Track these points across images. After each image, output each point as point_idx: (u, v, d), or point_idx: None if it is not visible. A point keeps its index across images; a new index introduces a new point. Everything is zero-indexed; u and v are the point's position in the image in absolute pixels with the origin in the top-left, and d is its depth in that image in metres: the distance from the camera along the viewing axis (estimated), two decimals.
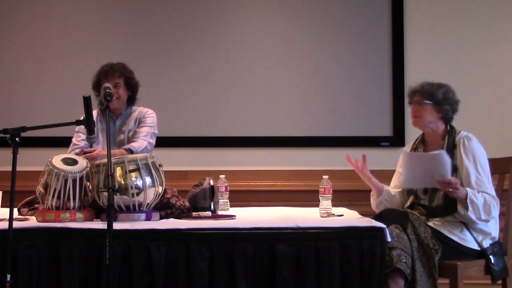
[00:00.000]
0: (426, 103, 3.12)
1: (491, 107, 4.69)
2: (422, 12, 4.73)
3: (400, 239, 2.81)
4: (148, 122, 3.55)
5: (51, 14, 4.78)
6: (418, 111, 3.14)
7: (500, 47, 4.72)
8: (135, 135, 3.50)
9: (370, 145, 4.64)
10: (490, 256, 3.02)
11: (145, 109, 3.62)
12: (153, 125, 3.57)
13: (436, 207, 3.07)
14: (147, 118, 3.57)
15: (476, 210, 2.93)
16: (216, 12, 4.77)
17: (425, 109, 3.13)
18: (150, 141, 3.52)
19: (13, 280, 2.42)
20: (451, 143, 3.10)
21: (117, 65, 3.53)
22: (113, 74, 3.49)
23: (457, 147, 3.09)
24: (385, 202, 3.23)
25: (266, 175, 4.68)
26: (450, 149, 3.08)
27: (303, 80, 4.74)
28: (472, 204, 2.93)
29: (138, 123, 3.55)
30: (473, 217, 2.94)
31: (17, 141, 2.48)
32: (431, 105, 3.12)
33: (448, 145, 3.10)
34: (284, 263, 2.60)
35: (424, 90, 3.14)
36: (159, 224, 2.74)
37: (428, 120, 3.14)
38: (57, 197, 2.77)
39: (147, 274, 2.58)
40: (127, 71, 3.54)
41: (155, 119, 3.60)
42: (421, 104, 3.13)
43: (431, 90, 3.13)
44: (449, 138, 3.12)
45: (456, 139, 3.11)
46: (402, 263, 2.75)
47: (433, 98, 3.12)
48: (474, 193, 2.95)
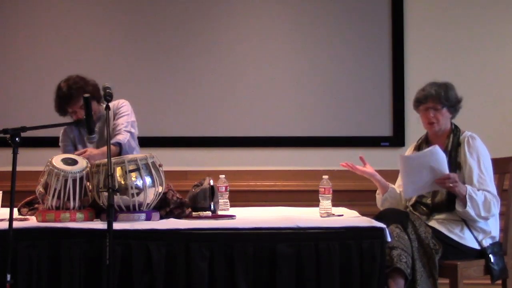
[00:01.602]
0: (442, 108, 3.14)
1: (491, 107, 4.68)
2: (422, 12, 4.73)
3: (401, 239, 2.82)
4: (123, 112, 3.51)
5: (51, 14, 4.78)
6: (436, 117, 3.14)
7: (501, 47, 4.72)
8: (116, 128, 3.46)
9: (370, 145, 4.64)
10: (490, 255, 3.02)
11: (116, 101, 3.52)
12: (129, 113, 3.52)
13: (439, 202, 3.08)
14: (121, 108, 3.52)
15: (476, 207, 2.94)
16: (216, 12, 4.76)
17: (442, 114, 3.14)
18: (132, 131, 3.49)
19: (13, 280, 2.42)
20: (455, 141, 3.12)
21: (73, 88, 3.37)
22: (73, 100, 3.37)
23: (461, 145, 3.11)
24: (390, 199, 3.24)
25: (266, 175, 4.68)
26: (454, 147, 3.10)
27: (303, 80, 4.74)
28: (471, 200, 2.93)
29: (114, 116, 3.51)
30: (473, 213, 2.95)
31: (17, 141, 2.48)
32: (446, 109, 3.15)
33: (452, 144, 3.12)
34: (284, 263, 2.60)
35: (438, 94, 3.14)
36: (159, 224, 2.73)
37: (444, 124, 3.15)
38: (57, 197, 2.77)
39: (147, 274, 2.58)
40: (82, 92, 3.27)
41: (129, 107, 3.54)
42: (438, 110, 3.14)
43: (445, 94, 3.14)
44: (454, 137, 3.14)
45: (460, 138, 3.13)
46: (402, 263, 2.75)
47: (448, 101, 3.14)
48: (474, 190, 2.96)
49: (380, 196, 3.29)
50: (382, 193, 3.27)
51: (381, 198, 3.27)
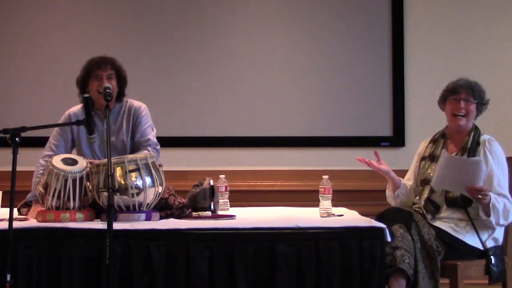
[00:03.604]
0: (474, 102, 3.14)
1: (491, 107, 4.66)
2: (422, 12, 4.73)
3: (404, 239, 2.81)
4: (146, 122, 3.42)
5: (50, 14, 4.78)
6: (466, 109, 3.14)
7: (501, 47, 4.71)
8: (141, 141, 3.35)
9: (370, 145, 4.64)
10: (492, 257, 3.03)
11: (135, 104, 3.45)
12: (150, 120, 3.44)
13: (452, 198, 3.08)
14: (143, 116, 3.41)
15: (496, 215, 2.97)
16: (216, 13, 4.76)
17: (472, 109, 3.15)
18: (158, 147, 3.40)
19: (13, 280, 2.42)
20: (475, 141, 3.12)
21: (108, 57, 3.36)
22: (105, 65, 3.31)
23: (480, 146, 3.11)
24: (402, 196, 3.25)
25: (266, 175, 4.68)
26: (473, 147, 3.10)
27: (303, 80, 4.74)
28: (493, 209, 2.96)
29: (133, 122, 3.40)
30: (493, 221, 2.98)
31: (17, 141, 2.48)
32: (475, 105, 3.15)
33: (472, 143, 3.12)
34: (284, 263, 2.60)
35: (472, 88, 3.15)
36: (159, 224, 2.74)
37: (470, 120, 3.16)
38: (57, 197, 2.78)
39: (147, 274, 2.58)
40: (117, 64, 3.37)
41: (149, 113, 3.45)
42: (469, 102, 3.14)
43: (480, 90, 3.16)
44: (474, 136, 3.14)
45: (480, 139, 3.13)
46: (405, 263, 2.75)
47: (480, 97, 3.15)
48: (497, 198, 2.98)
49: (391, 193, 3.28)
50: (393, 190, 3.26)
51: (392, 194, 3.27)
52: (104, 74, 3.29)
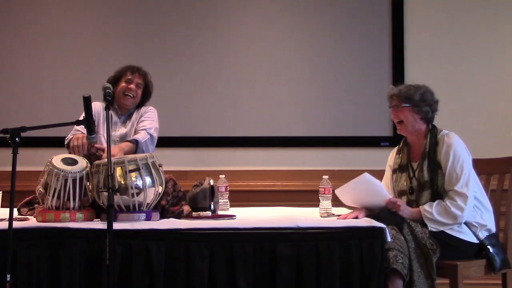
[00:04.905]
0: (404, 106, 3.14)
1: (491, 108, 4.68)
2: (422, 12, 4.73)
3: (397, 240, 2.82)
4: (148, 116, 3.62)
5: (51, 14, 4.78)
6: (397, 115, 3.18)
7: (501, 49, 4.71)
8: (137, 129, 3.55)
9: (370, 145, 4.65)
10: (488, 247, 3.03)
11: (147, 106, 3.71)
12: (154, 119, 3.65)
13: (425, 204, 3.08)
14: (148, 113, 3.65)
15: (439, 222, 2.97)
16: (217, 14, 4.76)
17: (403, 112, 3.15)
18: (153, 135, 3.56)
19: (13, 280, 2.42)
20: (433, 141, 3.12)
21: (144, 70, 3.68)
22: (139, 74, 3.63)
23: (439, 144, 3.10)
24: None
25: (266, 175, 4.68)
26: (432, 147, 3.10)
27: (303, 80, 4.74)
28: (429, 220, 2.97)
29: (139, 118, 3.62)
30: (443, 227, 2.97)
31: (17, 141, 2.48)
32: (409, 108, 3.14)
33: (430, 144, 3.12)
34: (284, 263, 2.60)
35: (401, 93, 3.16)
36: (159, 224, 2.74)
37: (411, 124, 3.16)
38: (57, 197, 2.77)
39: (147, 274, 2.58)
40: (148, 79, 3.69)
41: (155, 114, 3.68)
42: (399, 108, 3.16)
43: (408, 93, 3.15)
44: (431, 137, 3.14)
45: (438, 137, 3.13)
46: (399, 263, 2.75)
47: (410, 100, 3.14)
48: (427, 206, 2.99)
49: None
50: None
51: None
52: (135, 81, 3.61)
